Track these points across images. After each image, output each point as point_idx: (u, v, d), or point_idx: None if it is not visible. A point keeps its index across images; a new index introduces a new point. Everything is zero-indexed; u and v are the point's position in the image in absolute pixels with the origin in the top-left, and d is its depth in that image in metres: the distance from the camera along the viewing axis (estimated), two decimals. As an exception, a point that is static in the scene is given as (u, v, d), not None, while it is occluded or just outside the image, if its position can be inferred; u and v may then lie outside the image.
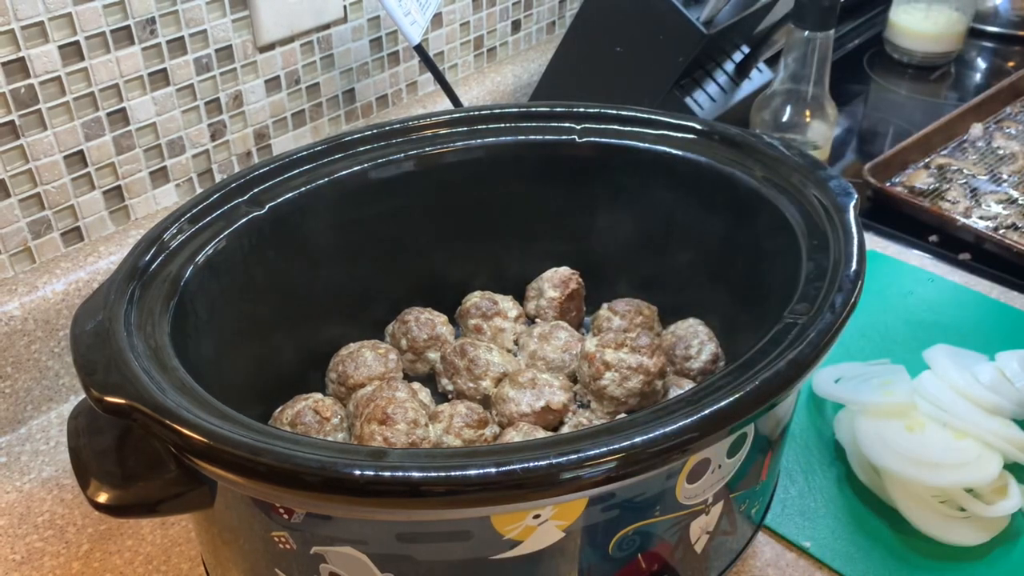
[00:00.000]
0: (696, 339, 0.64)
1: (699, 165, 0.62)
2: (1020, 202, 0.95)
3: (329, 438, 0.59)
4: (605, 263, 0.71)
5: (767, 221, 0.57)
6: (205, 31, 0.74)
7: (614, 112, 0.66)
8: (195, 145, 0.78)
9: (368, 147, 0.64)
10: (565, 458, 0.38)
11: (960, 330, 0.78)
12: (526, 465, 0.37)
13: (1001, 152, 1.03)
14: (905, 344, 0.76)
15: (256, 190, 0.59)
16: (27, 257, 0.71)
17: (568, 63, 0.95)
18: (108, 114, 0.71)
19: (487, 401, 0.63)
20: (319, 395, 0.62)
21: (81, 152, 0.71)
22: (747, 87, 0.98)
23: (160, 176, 0.77)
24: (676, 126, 0.64)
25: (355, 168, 0.63)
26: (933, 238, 0.91)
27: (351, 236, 0.64)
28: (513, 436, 0.58)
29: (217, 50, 0.76)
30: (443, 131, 0.66)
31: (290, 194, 0.60)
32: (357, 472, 0.37)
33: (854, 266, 0.49)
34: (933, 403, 0.65)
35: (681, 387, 0.62)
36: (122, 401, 0.42)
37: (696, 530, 0.48)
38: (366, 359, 0.63)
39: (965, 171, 1.00)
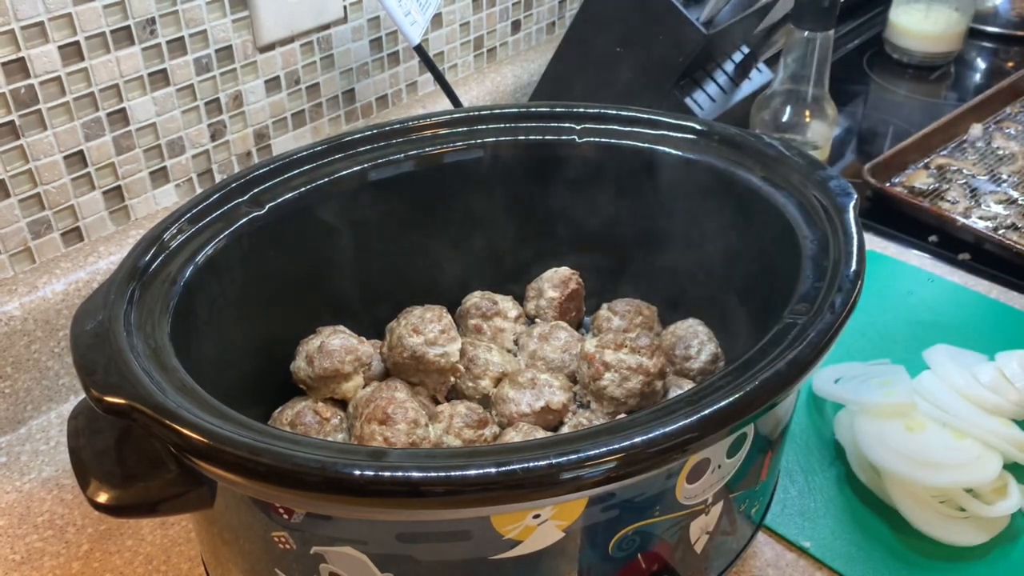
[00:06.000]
0: (696, 339, 0.64)
1: (699, 165, 0.62)
2: (1020, 202, 0.95)
3: (329, 438, 0.59)
4: (605, 263, 0.71)
5: (767, 221, 0.57)
6: (205, 31, 0.74)
7: (614, 112, 0.66)
8: (195, 145, 0.78)
9: (368, 147, 0.64)
10: (565, 458, 0.38)
11: (960, 330, 0.78)
12: (526, 465, 0.37)
13: (1001, 152, 1.03)
14: (905, 344, 0.76)
15: (256, 190, 0.59)
16: (27, 257, 0.71)
17: (568, 63, 0.95)
18: (108, 114, 0.71)
19: (487, 401, 0.63)
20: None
21: (81, 152, 0.71)
22: (747, 87, 0.98)
23: (160, 176, 0.77)
24: (676, 126, 0.64)
25: (355, 168, 0.63)
26: (933, 238, 0.91)
27: (351, 236, 0.64)
28: (513, 436, 0.58)
29: (217, 50, 0.76)
30: (443, 131, 0.66)
31: (290, 194, 0.60)
32: (357, 472, 0.37)
33: (854, 266, 0.49)
34: (933, 403, 0.65)
35: (681, 387, 0.62)
36: (122, 401, 0.42)
37: (696, 530, 0.48)
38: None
39: (965, 171, 1.00)
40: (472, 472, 0.37)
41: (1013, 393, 0.66)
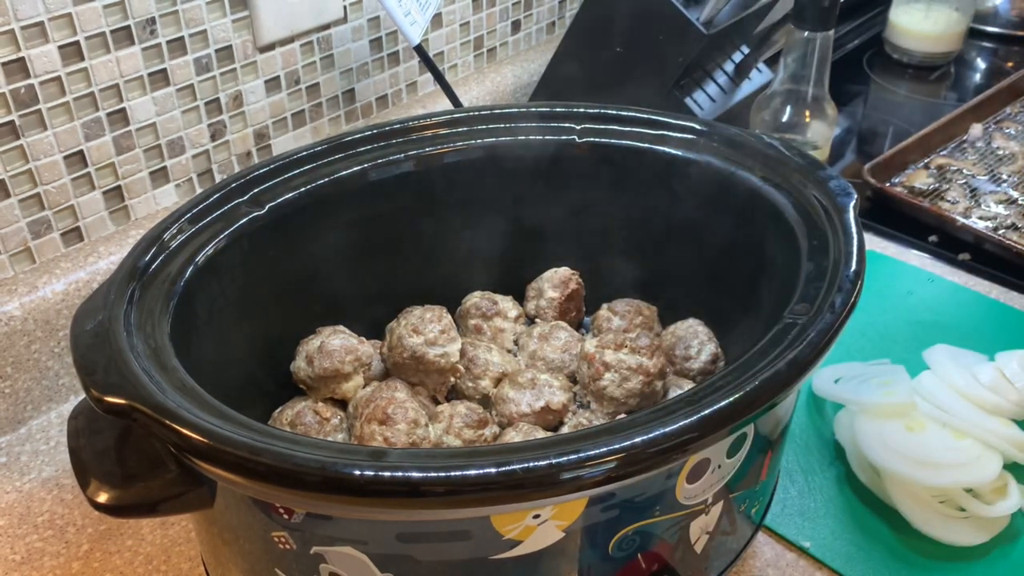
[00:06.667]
0: (696, 339, 0.64)
1: (699, 165, 0.62)
2: (1020, 202, 0.95)
3: (329, 438, 0.59)
4: (605, 263, 0.71)
5: (767, 221, 0.57)
6: (205, 31, 0.74)
7: (614, 112, 0.66)
8: (195, 145, 0.78)
9: (368, 147, 0.64)
10: (565, 458, 0.38)
11: (960, 330, 0.78)
12: (526, 465, 0.37)
13: (1001, 152, 1.03)
14: (905, 344, 0.76)
15: (256, 190, 0.59)
16: (27, 257, 0.71)
17: (568, 63, 0.95)
18: (108, 114, 0.71)
19: (487, 401, 0.63)
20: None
21: (81, 152, 0.71)
22: (747, 87, 0.98)
23: (160, 176, 0.77)
24: (676, 126, 0.64)
25: (355, 168, 0.63)
26: (933, 238, 0.91)
27: (351, 236, 0.64)
28: (513, 436, 0.58)
29: (217, 50, 0.76)
30: (443, 131, 0.66)
31: (290, 194, 0.60)
32: (357, 472, 0.37)
33: (854, 266, 0.49)
34: (933, 403, 0.65)
35: (681, 387, 0.62)
36: (122, 401, 0.42)
37: (696, 530, 0.48)
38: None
39: (965, 171, 1.00)
40: (472, 472, 0.37)
41: (1013, 393, 0.66)
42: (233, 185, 0.59)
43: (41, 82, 0.66)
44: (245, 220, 0.58)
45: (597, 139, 0.65)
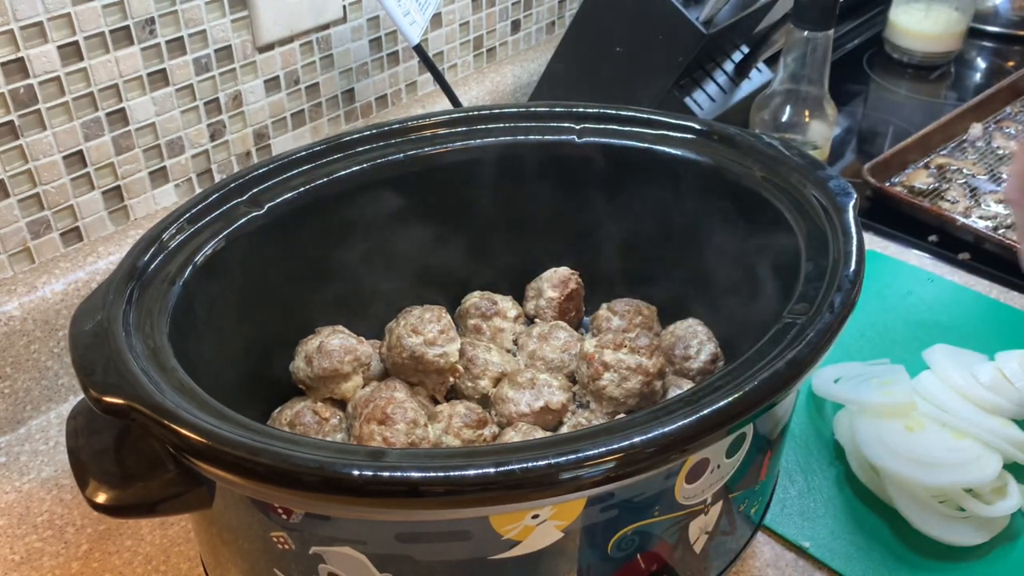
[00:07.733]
0: (695, 339, 0.64)
1: (699, 165, 0.62)
2: (1020, 202, 0.95)
3: (328, 438, 0.59)
4: (605, 263, 0.71)
5: (767, 221, 0.57)
6: (204, 31, 0.74)
7: (614, 112, 0.66)
8: (194, 145, 0.78)
9: (368, 147, 0.64)
10: (564, 458, 0.38)
11: (960, 330, 0.78)
12: (525, 465, 0.37)
13: (1001, 152, 1.03)
14: (905, 344, 0.76)
15: (255, 190, 0.59)
16: (26, 257, 0.71)
17: (568, 63, 0.95)
18: (107, 114, 0.71)
19: (486, 401, 0.63)
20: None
21: (80, 152, 0.71)
22: (747, 87, 0.98)
23: (159, 176, 0.77)
24: (676, 126, 0.64)
25: (355, 168, 0.63)
26: (933, 238, 0.91)
27: (350, 236, 0.64)
28: (512, 436, 0.58)
29: (216, 50, 0.76)
30: (443, 131, 0.65)
31: (289, 194, 0.60)
32: (356, 472, 0.37)
33: (853, 266, 0.49)
34: (933, 403, 0.65)
35: (680, 387, 0.62)
36: (121, 401, 0.42)
37: (695, 530, 0.48)
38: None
39: (965, 171, 1.00)
40: (471, 472, 0.37)
41: (1013, 393, 0.66)
42: (232, 185, 0.59)
43: (40, 82, 0.66)
44: (244, 220, 0.57)
45: (597, 139, 0.65)
